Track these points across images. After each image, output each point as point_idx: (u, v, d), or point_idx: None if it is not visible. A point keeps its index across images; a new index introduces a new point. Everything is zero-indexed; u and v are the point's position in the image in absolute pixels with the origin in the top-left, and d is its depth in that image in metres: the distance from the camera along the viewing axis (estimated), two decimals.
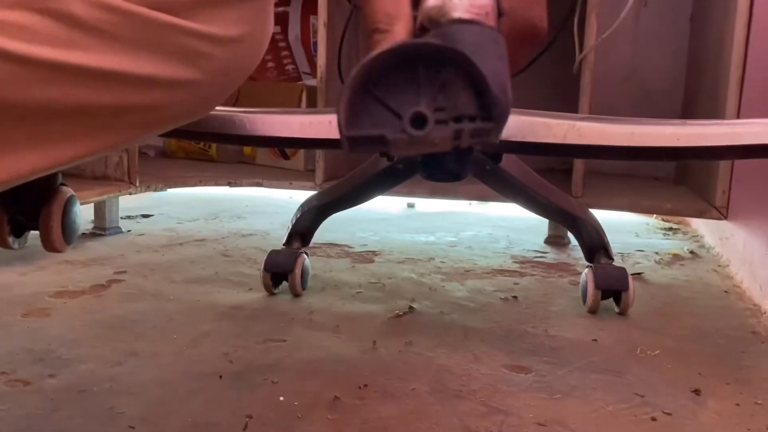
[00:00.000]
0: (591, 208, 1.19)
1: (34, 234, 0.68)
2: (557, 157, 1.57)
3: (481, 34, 0.36)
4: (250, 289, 1.11)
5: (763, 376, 0.83)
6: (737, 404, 0.75)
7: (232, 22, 0.27)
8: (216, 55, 0.41)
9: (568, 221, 1.14)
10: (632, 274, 1.06)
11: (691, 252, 1.46)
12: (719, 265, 1.35)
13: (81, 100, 0.36)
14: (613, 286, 1.03)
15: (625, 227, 1.70)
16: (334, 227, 1.48)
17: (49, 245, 0.66)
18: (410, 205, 1.95)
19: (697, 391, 0.78)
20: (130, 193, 1.38)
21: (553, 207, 1.10)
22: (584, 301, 1.06)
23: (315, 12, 1.41)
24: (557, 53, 1.48)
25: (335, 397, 0.73)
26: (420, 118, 0.33)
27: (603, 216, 1.21)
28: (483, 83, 0.32)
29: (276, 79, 1.78)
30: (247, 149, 1.72)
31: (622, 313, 1.04)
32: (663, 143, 0.73)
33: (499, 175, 0.99)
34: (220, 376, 0.78)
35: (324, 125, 0.77)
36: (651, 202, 1.41)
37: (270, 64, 1.75)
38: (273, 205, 1.89)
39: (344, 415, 0.70)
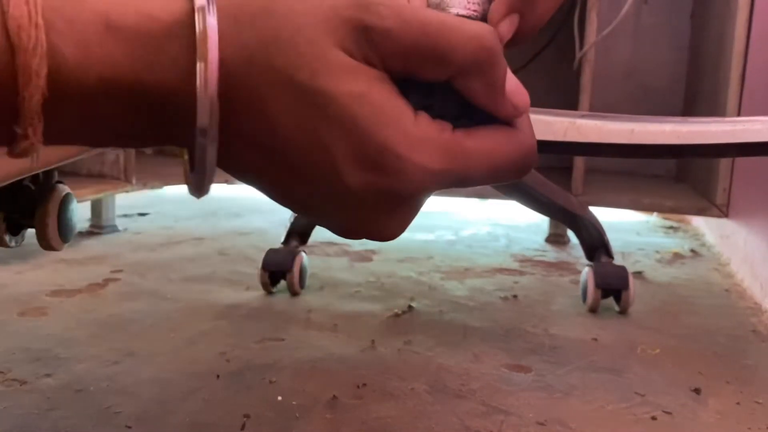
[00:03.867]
0: (591, 206, 1.19)
1: (30, 232, 0.67)
2: (557, 155, 1.56)
3: None
4: (248, 288, 1.10)
5: (763, 375, 0.82)
6: (738, 403, 0.75)
7: None
8: None
9: (569, 219, 1.14)
10: (632, 273, 1.06)
11: (692, 250, 1.46)
12: (720, 264, 1.35)
13: None
14: (613, 285, 1.03)
15: (625, 225, 1.70)
16: None
17: (45, 244, 0.66)
18: None
19: (697, 390, 0.77)
20: (127, 191, 1.37)
21: (553, 205, 1.09)
22: (584, 300, 1.06)
23: None
24: (557, 50, 1.47)
25: (334, 396, 0.73)
26: None
27: (603, 214, 1.21)
28: None
29: None
30: None
31: (623, 311, 1.03)
32: (663, 141, 0.72)
33: None
34: (218, 376, 0.77)
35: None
36: (651, 200, 1.40)
37: None
38: (271, 203, 1.88)
39: (343, 415, 0.69)
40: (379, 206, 0.29)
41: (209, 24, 0.27)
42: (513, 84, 0.31)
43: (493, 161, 0.30)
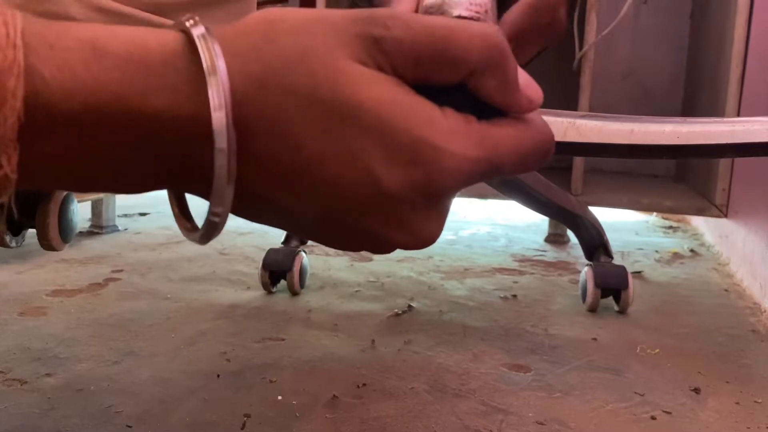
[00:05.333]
0: (591, 206, 1.19)
1: (31, 232, 0.68)
2: (557, 155, 1.56)
3: None
4: (248, 287, 1.10)
5: (762, 375, 0.83)
6: (737, 402, 0.75)
7: (217, 22, 0.28)
8: None
9: (568, 219, 1.14)
10: (632, 273, 1.06)
11: (691, 250, 1.46)
12: (719, 264, 1.35)
13: None
14: (612, 285, 1.03)
15: (624, 225, 1.70)
16: None
17: (46, 243, 0.66)
18: None
19: (696, 390, 0.78)
20: None
21: (552, 205, 1.10)
22: (584, 300, 1.06)
23: None
24: (557, 50, 1.47)
25: (334, 396, 0.73)
26: None
27: (603, 214, 1.21)
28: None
29: None
30: None
31: (622, 311, 1.03)
32: (663, 141, 0.72)
33: None
34: (218, 375, 0.77)
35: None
36: (651, 200, 1.41)
37: None
38: None
39: (343, 414, 0.70)
40: (417, 205, 0.29)
41: (215, 50, 0.26)
42: (525, 79, 0.31)
43: (520, 147, 0.31)
